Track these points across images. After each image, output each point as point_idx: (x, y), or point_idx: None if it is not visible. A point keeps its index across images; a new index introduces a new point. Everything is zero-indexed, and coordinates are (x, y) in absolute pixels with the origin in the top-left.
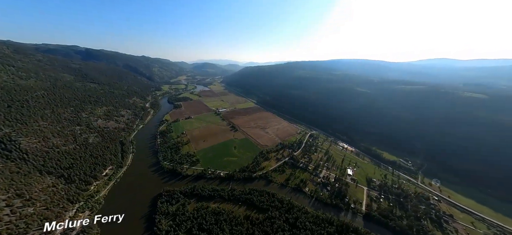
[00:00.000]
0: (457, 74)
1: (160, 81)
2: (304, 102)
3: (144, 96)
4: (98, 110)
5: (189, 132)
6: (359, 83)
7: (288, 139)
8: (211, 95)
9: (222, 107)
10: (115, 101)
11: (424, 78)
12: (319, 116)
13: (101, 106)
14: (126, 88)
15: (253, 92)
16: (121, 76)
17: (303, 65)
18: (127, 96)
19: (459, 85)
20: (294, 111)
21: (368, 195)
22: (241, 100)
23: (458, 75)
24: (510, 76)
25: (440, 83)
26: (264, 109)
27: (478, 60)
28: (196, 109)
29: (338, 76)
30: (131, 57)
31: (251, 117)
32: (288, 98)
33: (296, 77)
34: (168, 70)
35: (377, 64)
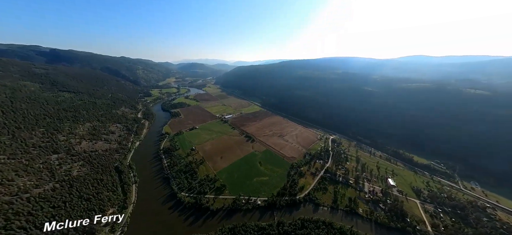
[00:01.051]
0: (436, 69)
1: (147, 85)
2: (313, 104)
3: (134, 105)
4: (80, 128)
5: (199, 147)
6: (365, 82)
7: (312, 147)
8: (209, 98)
9: (227, 112)
10: (99, 114)
11: (410, 74)
12: (334, 118)
13: (83, 123)
14: (110, 96)
15: (254, 94)
16: (102, 81)
17: (301, 65)
18: (113, 106)
19: (450, 80)
20: (305, 114)
21: (424, 210)
22: (244, 103)
23: (437, 71)
24: (481, 70)
25: (433, 79)
26: (273, 112)
27: (447, 57)
28: (198, 116)
29: (340, 75)
30: (110, 58)
31: (263, 123)
32: (294, 99)
33: (298, 77)
34: (154, 72)
35: (367, 62)
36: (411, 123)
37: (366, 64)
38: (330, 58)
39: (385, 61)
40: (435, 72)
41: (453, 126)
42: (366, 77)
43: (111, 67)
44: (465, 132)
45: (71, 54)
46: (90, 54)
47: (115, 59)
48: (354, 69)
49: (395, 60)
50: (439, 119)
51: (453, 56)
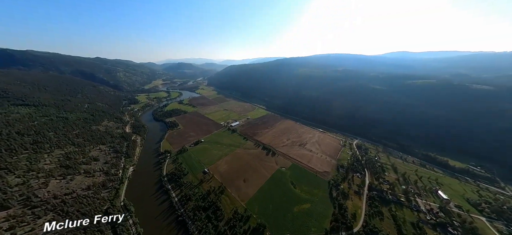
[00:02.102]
0: (424, 65)
1: (131, 90)
2: (323, 104)
3: (119, 116)
4: (45, 160)
5: (213, 168)
6: (368, 80)
7: (341, 157)
8: (207, 103)
9: (231, 119)
10: (74, 134)
11: (404, 70)
12: (348, 119)
13: (50, 151)
14: (87, 106)
15: (255, 96)
16: (74, 89)
17: (299, 63)
18: (93, 121)
19: (445, 75)
20: (317, 116)
21: (497, 230)
22: (248, 107)
23: (425, 66)
24: (465, 65)
25: (430, 75)
26: (282, 116)
27: (427, 53)
28: (200, 126)
29: (341, 72)
30: (83, 60)
31: (276, 129)
32: (301, 100)
33: (300, 75)
34: (137, 74)
35: (359, 58)
36: (425, 120)
37: (360, 61)
38: (323, 55)
39: (374, 58)
40: (424, 67)
41: (469, 122)
42: (367, 74)
43: (85, 70)
44: (483, 129)
45: (29, 56)
46: (56, 55)
47: (89, 60)
48: (351, 67)
49: (382, 56)
50: (453, 116)
51: (431, 52)
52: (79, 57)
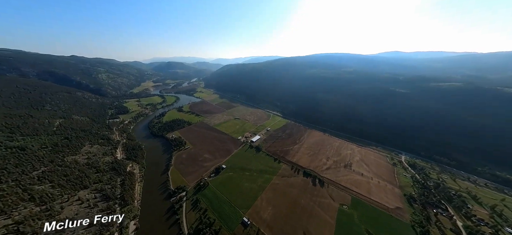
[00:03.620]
0: (425, 65)
1: (117, 95)
2: (346, 111)
3: (105, 135)
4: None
5: (253, 214)
6: (387, 82)
7: (403, 183)
8: (212, 109)
9: (249, 131)
10: (35, 175)
11: (407, 70)
12: (379, 128)
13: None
14: (59, 124)
15: (264, 99)
16: (39, 97)
17: (306, 62)
18: (67, 148)
19: (456, 76)
20: (345, 125)
21: None
22: (261, 114)
23: (427, 66)
24: (461, 65)
25: (445, 77)
26: (304, 125)
27: (416, 53)
28: (213, 143)
29: (354, 74)
30: (54, 59)
31: (307, 145)
32: (319, 105)
33: (309, 76)
34: (123, 76)
35: (359, 58)
36: (467, 129)
37: (361, 60)
38: (323, 55)
39: (373, 57)
40: (428, 67)
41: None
42: (380, 75)
43: (57, 72)
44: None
45: None
46: (16, 52)
47: (63, 59)
48: (357, 67)
49: (378, 55)
50: (498, 124)
51: (421, 52)
52: (49, 55)
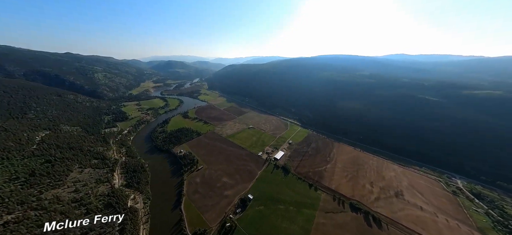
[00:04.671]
0: (437, 69)
1: (114, 97)
2: (373, 121)
3: (99, 151)
4: None
5: None
6: (414, 89)
7: (480, 224)
8: (221, 115)
9: (268, 144)
10: None
11: (425, 75)
12: (418, 144)
13: None
14: (40, 139)
15: (277, 105)
16: (24, 101)
17: (318, 64)
18: (47, 176)
19: (480, 83)
20: (377, 138)
21: None
22: (276, 122)
23: (439, 70)
24: (484, 70)
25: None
26: (330, 137)
27: (420, 56)
28: (230, 160)
29: (374, 78)
30: (45, 56)
31: (341, 164)
32: (340, 114)
33: (323, 80)
34: (121, 75)
35: (368, 60)
36: None
37: (373, 63)
38: (331, 56)
39: (382, 59)
40: (443, 71)
41: None
42: (402, 80)
43: (48, 71)
44: None
45: None
46: (3, 48)
47: (56, 57)
48: (372, 70)
49: (385, 58)
50: None
51: (424, 55)
52: (41, 52)
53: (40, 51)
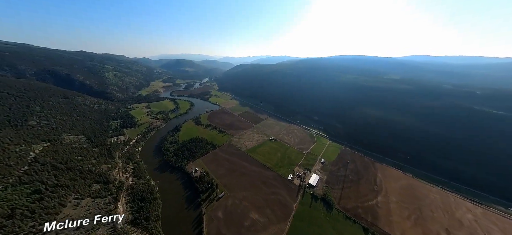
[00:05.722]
0: (472, 72)
1: (123, 97)
2: (421, 138)
3: (102, 172)
4: None
5: None
6: (460, 96)
7: None
8: (236, 123)
9: (296, 162)
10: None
11: (457, 79)
12: (495, 173)
13: None
14: (35, 156)
15: (297, 111)
16: (27, 105)
17: (336, 65)
18: (31, 218)
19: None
20: (427, 159)
21: None
22: (299, 132)
23: (473, 73)
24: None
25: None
26: (367, 155)
27: (445, 57)
28: (254, 184)
29: (403, 83)
30: (58, 54)
31: (396, 197)
32: (375, 126)
33: (346, 84)
34: (131, 74)
35: (391, 62)
36: None
37: (398, 65)
38: (346, 57)
39: (405, 61)
40: (485, 76)
41: None
42: (444, 87)
43: (59, 70)
44: None
45: None
46: (16, 46)
47: (69, 55)
48: (401, 73)
49: (408, 59)
50: None
51: (451, 56)
52: (54, 50)
53: (55, 49)
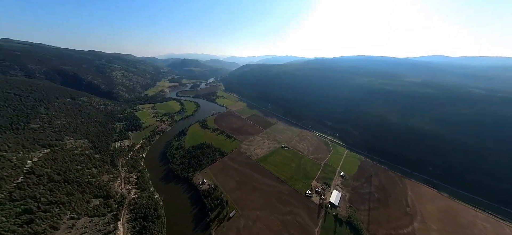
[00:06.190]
0: (496, 74)
1: (130, 98)
2: (456, 152)
3: (102, 184)
4: None
5: None
6: (493, 102)
7: None
8: (245, 127)
9: (313, 175)
10: None
11: (483, 82)
12: None
13: None
14: (32, 165)
15: (309, 115)
16: (30, 107)
17: (348, 66)
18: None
19: None
20: (466, 176)
21: None
22: (314, 140)
23: (500, 76)
24: None
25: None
26: (392, 168)
27: (463, 58)
28: (270, 203)
29: (425, 86)
30: (68, 53)
31: (437, 224)
32: (396, 134)
33: (363, 87)
34: (138, 74)
35: (403, 62)
36: None
37: (414, 66)
38: (361, 57)
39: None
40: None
41: None
42: (471, 91)
43: (67, 70)
44: None
45: None
46: (27, 45)
47: (78, 54)
48: (420, 75)
49: (421, 59)
50: None
51: (470, 57)
52: (66, 49)
53: (67, 49)
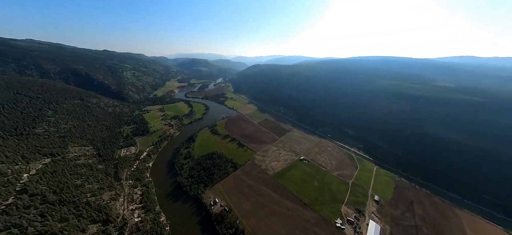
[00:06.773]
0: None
1: (139, 98)
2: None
3: (101, 205)
4: None
5: None
6: None
7: None
8: (258, 134)
9: (341, 199)
10: None
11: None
12: None
13: None
14: (28, 180)
15: (327, 122)
16: (39, 108)
17: (364, 68)
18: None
19: None
20: None
21: None
22: (336, 152)
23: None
24: None
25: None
26: (440, 195)
27: (494, 58)
28: (291, 233)
29: (460, 91)
30: (82, 53)
31: None
32: (442, 153)
33: (387, 91)
34: (148, 74)
35: (429, 64)
36: None
37: (441, 68)
38: (378, 58)
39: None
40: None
41: None
42: None
43: (80, 70)
44: None
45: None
46: (44, 46)
47: (91, 54)
48: (446, 78)
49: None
50: None
51: (502, 58)
52: (82, 49)
53: (83, 49)
